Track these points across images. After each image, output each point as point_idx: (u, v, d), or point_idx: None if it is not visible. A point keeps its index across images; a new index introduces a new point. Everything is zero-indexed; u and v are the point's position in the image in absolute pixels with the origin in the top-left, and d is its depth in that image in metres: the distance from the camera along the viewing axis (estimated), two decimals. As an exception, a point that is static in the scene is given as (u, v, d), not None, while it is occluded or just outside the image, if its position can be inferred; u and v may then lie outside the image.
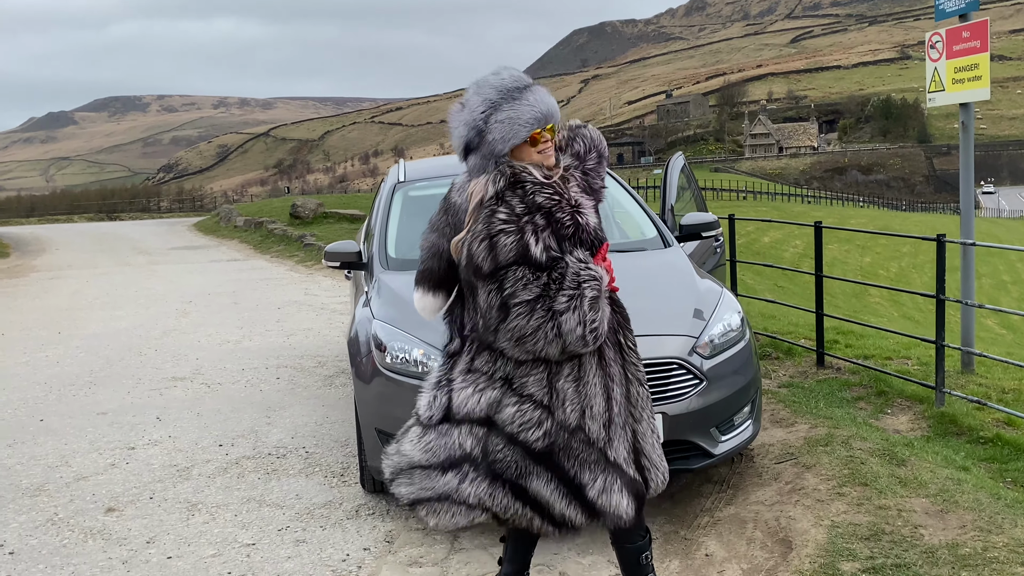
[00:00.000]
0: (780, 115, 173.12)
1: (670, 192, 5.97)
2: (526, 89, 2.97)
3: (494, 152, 2.94)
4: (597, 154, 3.12)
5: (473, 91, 3.00)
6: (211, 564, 3.98)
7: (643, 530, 3.20)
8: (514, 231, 2.83)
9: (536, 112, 2.93)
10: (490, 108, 2.94)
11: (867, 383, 6.29)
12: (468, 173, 3.03)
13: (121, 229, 30.24)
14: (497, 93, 2.95)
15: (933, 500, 3.98)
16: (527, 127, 2.91)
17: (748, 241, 36.57)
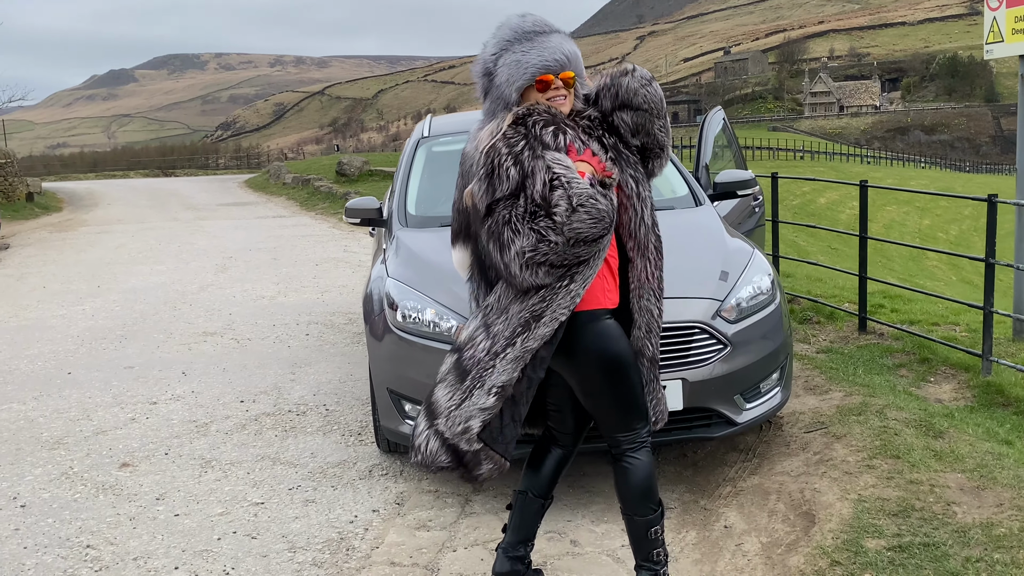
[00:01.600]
0: (841, 73, 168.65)
1: (705, 149, 5.72)
2: (544, 34, 2.81)
3: (502, 96, 2.80)
4: (632, 109, 2.89)
5: (493, 33, 2.87)
6: (217, 522, 3.92)
7: (655, 503, 3.03)
8: (512, 163, 2.68)
9: (547, 57, 2.76)
10: (502, 50, 2.80)
11: (910, 349, 6.02)
12: (482, 118, 2.89)
13: (173, 185, 30.60)
14: (513, 34, 2.81)
15: (969, 475, 3.75)
16: (534, 69, 2.75)
17: (804, 202, 35.82)
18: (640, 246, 2.93)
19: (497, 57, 2.80)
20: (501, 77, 2.79)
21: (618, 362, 2.85)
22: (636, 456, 2.98)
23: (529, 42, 2.78)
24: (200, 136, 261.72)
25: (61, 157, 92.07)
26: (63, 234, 15.62)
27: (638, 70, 2.95)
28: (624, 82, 2.91)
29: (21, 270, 11.34)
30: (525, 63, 2.76)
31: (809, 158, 59.87)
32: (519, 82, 2.77)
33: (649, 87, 2.91)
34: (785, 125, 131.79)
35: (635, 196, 2.92)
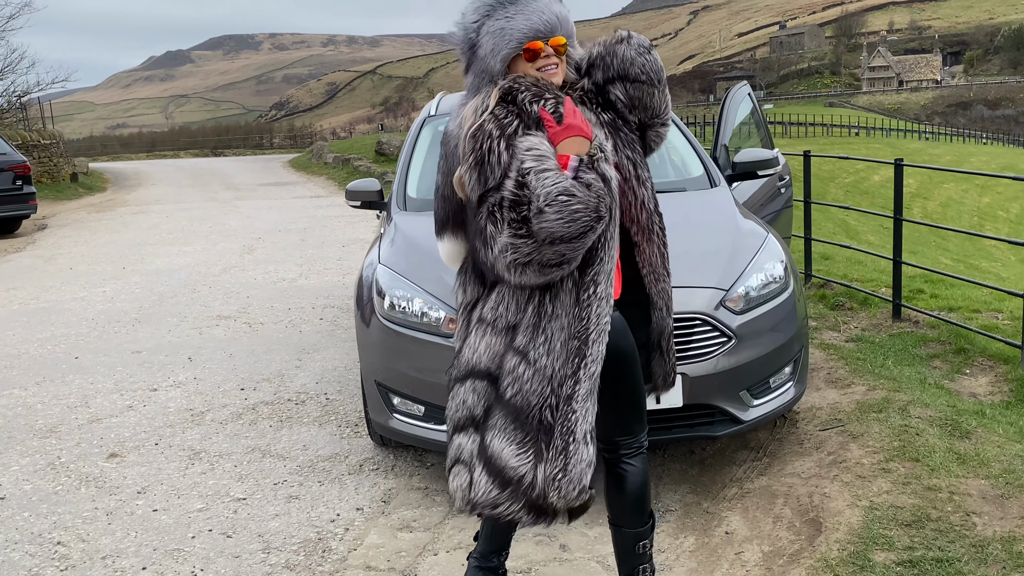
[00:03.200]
0: (901, 47, 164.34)
1: (725, 127, 5.40)
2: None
3: (486, 68, 2.50)
4: (629, 80, 2.60)
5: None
6: (195, 519, 3.77)
7: (647, 515, 2.78)
8: (504, 147, 2.37)
9: (535, 20, 2.46)
10: (483, 16, 2.49)
11: (945, 339, 5.66)
12: (465, 93, 2.59)
13: (219, 165, 30.80)
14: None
15: (994, 482, 3.44)
16: (520, 36, 2.45)
17: (857, 179, 34.95)
18: (644, 230, 2.67)
19: (479, 25, 2.49)
20: (484, 47, 2.49)
21: (622, 359, 2.59)
22: (632, 462, 2.73)
23: (513, 5, 2.48)
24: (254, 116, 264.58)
25: (120, 137, 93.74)
26: (101, 214, 15.73)
27: (635, 37, 2.66)
28: (620, 51, 2.61)
29: (52, 251, 11.39)
30: (510, 30, 2.46)
31: (865, 134, 58.44)
32: (504, 51, 2.47)
33: (648, 55, 2.62)
34: (842, 101, 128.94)
35: (634, 179, 2.63)
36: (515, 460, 2.46)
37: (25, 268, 10.09)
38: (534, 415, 2.45)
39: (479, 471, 2.52)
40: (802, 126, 51.70)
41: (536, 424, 2.46)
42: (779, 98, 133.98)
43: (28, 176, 13.11)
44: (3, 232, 13.20)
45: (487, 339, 2.54)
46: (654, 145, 2.74)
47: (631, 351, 2.64)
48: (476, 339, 2.55)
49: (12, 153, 13.28)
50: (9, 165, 12.84)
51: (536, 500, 2.47)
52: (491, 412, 2.53)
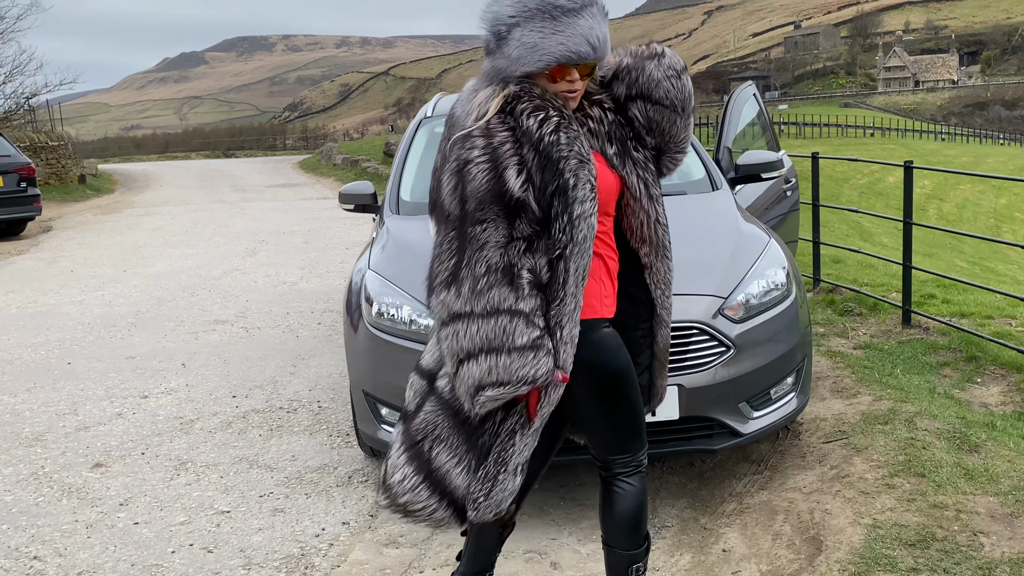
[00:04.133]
0: (917, 47, 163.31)
1: (728, 128, 5.27)
2: (574, 11, 2.26)
3: (505, 71, 2.31)
4: (651, 102, 2.45)
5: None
6: (176, 533, 3.66)
7: (642, 536, 2.63)
8: (486, 162, 2.22)
9: (571, 46, 2.25)
10: (519, 16, 2.26)
11: (956, 346, 5.49)
12: (480, 79, 2.41)
13: (229, 166, 30.79)
14: (536, 2, 2.26)
15: (1003, 500, 3.30)
16: (550, 59, 2.26)
17: (872, 181, 34.62)
18: (657, 248, 2.53)
19: (513, 24, 2.27)
20: (511, 51, 2.29)
21: (618, 378, 2.45)
22: (629, 481, 2.59)
23: (553, 21, 2.25)
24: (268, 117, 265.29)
25: (134, 138, 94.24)
26: (106, 216, 15.68)
27: (667, 56, 2.49)
28: (648, 68, 2.45)
29: (55, 253, 11.33)
30: (542, 49, 2.25)
31: (880, 135, 58.02)
32: (529, 67, 2.28)
33: (677, 80, 2.45)
34: (857, 101, 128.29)
35: (645, 197, 2.47)
36: (461, 484, 2.45)
37: (26, 271, 10.03)
38: (486, 444, 2.42)
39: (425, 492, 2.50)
40: (816, 127, 51.33)
41: (476, 447, 2.42)
42: (794, 98, 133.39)
43: (33, 178, 13.07)
44: (8, 234, 13.16)
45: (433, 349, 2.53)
46: (666, 171, 2.59)
47: (626, 370, 2.49)
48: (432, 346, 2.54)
49: (16, 155, 13.25)
50: (14, 167, 12.80)
51: (458, 504, 2.47)
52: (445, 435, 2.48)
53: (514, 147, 2.25)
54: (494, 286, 2.23)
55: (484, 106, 2.31)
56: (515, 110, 2.28)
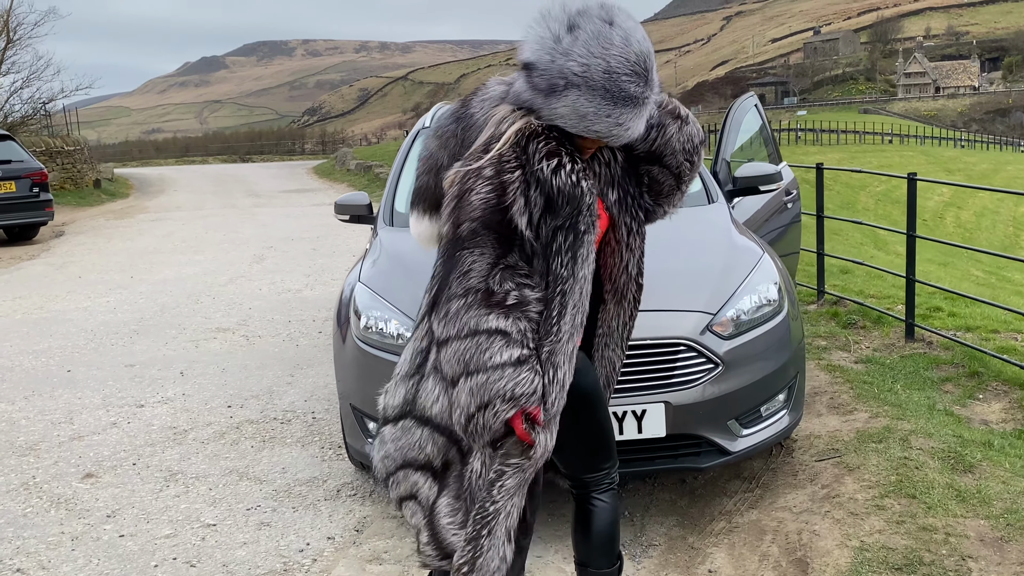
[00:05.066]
0: (938, 52, 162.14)
1: (727, 140, 5.22)
2: (632, 103, 2.16)
3: (539, 110, 2.21)
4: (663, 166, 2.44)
5: (590, 35, 2.14)
6: (160, 546, 3.65)
7: (615, 555, 2.61)
8: (490, 193, 2.16)
9: (616, 132, 2.19)
10: (583, 83, 2.13)
11: (959, 361, 5.42)
12: (509, 91, 2.33)
13: (245, 171, 30.93)
14: (603, 79, 2.13)
15: (994, 524, 3.23)
16: (590, 133, 2.20)
17: (888, 188, 34.36)
18: (617, 292, 2.52)
19: (573, 85, 2.14)
20: (557, 105, 2.17)
21: (587, 397, 2.44)
22: (602, 499, 2.57)
23: (612, 105, 2.16)
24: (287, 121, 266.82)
25: (155, 142, 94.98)
26: (119, 221, 15.77)
27: (690, 124, 2.45)
28: (669, 131, 2.41)
29: (64, 259, 11.40)
30: (588, 122, 2.16)
31: (898, 142, 57.61)
32: (565, 128, 2.21)
33: (695, 155, 2.45)
34: (877, 107, 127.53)
35: (624, 246, 2.47)
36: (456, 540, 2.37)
37: (35, 276, 10.09)
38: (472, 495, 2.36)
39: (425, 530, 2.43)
40: (834, 133, 51.04)
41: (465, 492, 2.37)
42: (813, 104, 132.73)
43: (45, 183, 13.15)
44: (21, 239, 13.26)
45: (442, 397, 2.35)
46: (658, 216, 2.58)
47: (595, 388, 2.49)
48: (433, 386, 2.38)
49: (30, 160, 13.34)
50: (26, 172, 12.90)
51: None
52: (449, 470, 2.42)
53: (522, 184, 2.18)
54: (471, 307, 2.18)
55: (499, 128, 2.27)
56: (528, 146, 2.20)
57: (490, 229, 2.18)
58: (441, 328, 2.20)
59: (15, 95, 22.17)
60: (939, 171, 43.06)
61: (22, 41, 22.15)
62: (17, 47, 22.06)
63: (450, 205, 2.23)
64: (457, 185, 2.23)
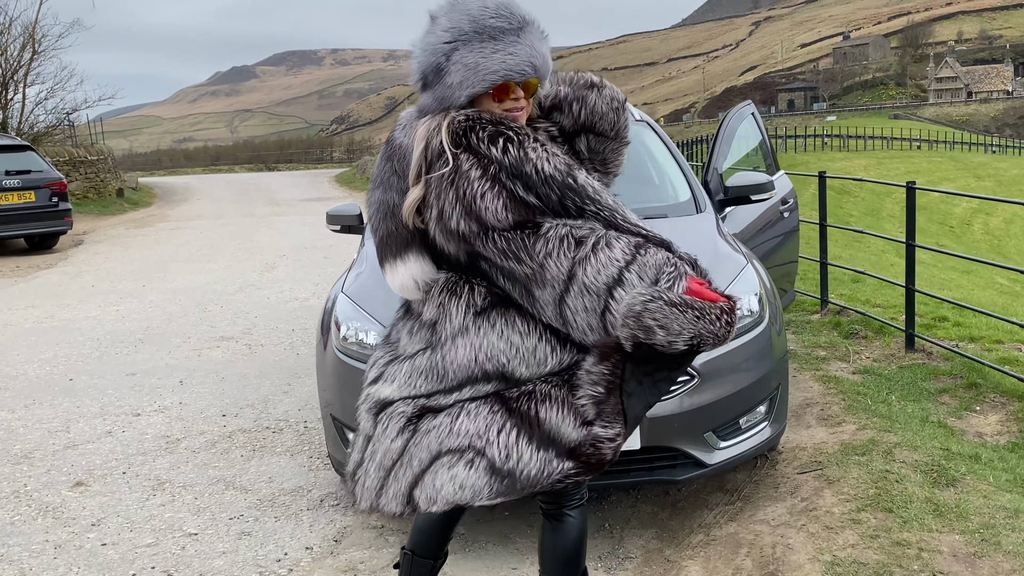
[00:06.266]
0: (970, 57, 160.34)
1: (719, 149, 5.19)
2: (512, 31, 2.29)
3: (449, 98, 2.30)
4: (596, 134, 2.47)
5: (446, 11, 2.33)
6: (141, 555, 3.68)
7: (579, 572, 2.61)
8: (491, 185, 2.18)
9: (512, 63, 2.27)
10: (457, 41, 2.28)
11: (958, 372, 5.35)
12: (418, 109, 2.41)
13: (268, 180, 31.18)
14: (471, 24, 2.28)
15: (969, 539, 3.19)
16: (494, 78, 2.27)
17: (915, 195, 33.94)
18: None
19: (451, 50, 2.28)
20: (453, 77, 2.28)
21: None
22: (570, 514, 2.56)
23: (493, 41, 2.27)
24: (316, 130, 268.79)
25: (186, 151, 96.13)
26: (138, 230, 15.96)
27: (607, 87, 2.51)
28: (590, 99, 2.46)
29: (80, 267, 11.55)
30: (484, 69, 2.26)
31: (927, 147, 56.99)
32: (474, 89, 2.27)
33: (619, 112, 2.49)
34: (908, 113, 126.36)
35: None
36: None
37: (49, 285, 10.23)
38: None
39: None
40: (861, 139, 50.60)
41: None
42: (843, 110, 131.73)
43: (64, 193, 13.35)
44: (41, 248, 13.46)
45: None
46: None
47: None
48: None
49: (49, 170, 13.55)
50: (46, 182, 13.10)
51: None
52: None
53: (494, 176, 2.20)
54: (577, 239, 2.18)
55: (431, 133, 2.29)
56: (471, 140, 2.23)
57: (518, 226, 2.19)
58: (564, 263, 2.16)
59: (39, 105, 22.56)
60: (968, 176, 42.56)
61: (47, 52, 22.54)
62: (42, 58, 22.44)
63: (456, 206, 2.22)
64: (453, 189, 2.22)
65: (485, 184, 2.19)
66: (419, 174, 2.29)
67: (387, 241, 2.44)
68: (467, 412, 2.29)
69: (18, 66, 22.23)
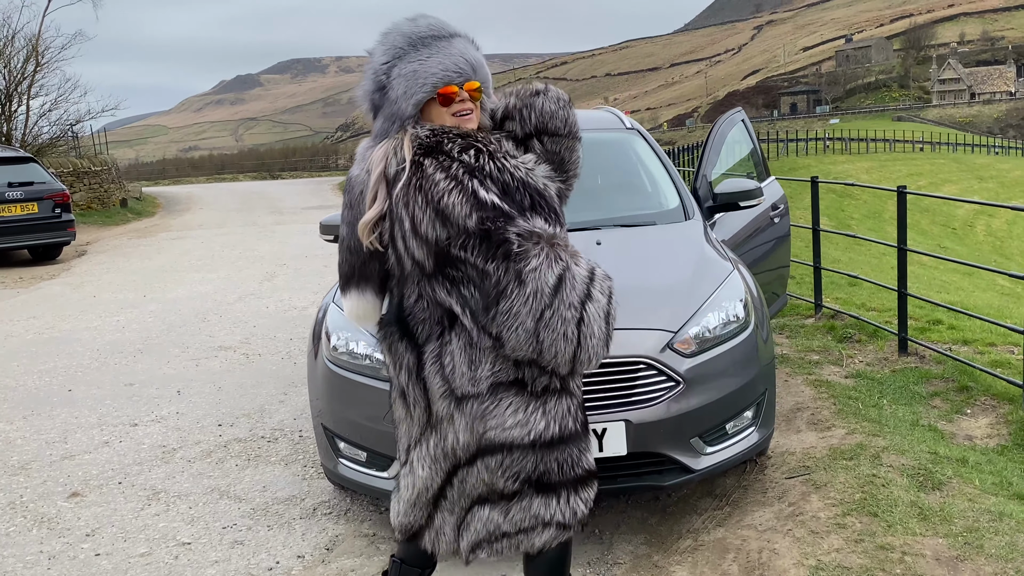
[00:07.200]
0: (972, 58, 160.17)
1: (709, 156, 5.23)
2: (443, 39, 2.42)
3: (397, 112, 2.40)
4: (549, 134, 2.53)
5: (379, 40, 2.47)
6: (134, 565, 3.72)
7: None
8: (456, 187, 2.29)
9: (449, 65, 2.38)
10: (395, 58, 2.40)
11: (950, 375, 5.37)
12: (373, 139, 2.50)
13: (272, 188, 31.28)
14: (406, 40, 2.41)
15: (952, 542, 3.21)
16: (435, 80, 2.37)
17: (915, 198, 33.89)
18: None
19: (390, 67, 2.41)
20: (396, 90, 2.40)
21: None
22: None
23: (427, 48, 2.39)
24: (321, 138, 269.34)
25: (191, 160, 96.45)
26: (140, 240, 16.03)
27: (551, 90, 2.60)
28: (538, 104, 2.55)
29: (82, 278, 11.60)
30: (423, 73, 2.38)
31: (930, 149, 56.93)
32: (418, 95, 2.38)
33: (567, 109, 2.58)
34: (911, 115, 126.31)
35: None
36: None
37: (51, 296, 10.29)
38: None
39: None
40: (863, 142, 50.57)
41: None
42: (846, 113, 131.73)
43: (67, 204, 13.42)
44: (44, 259, 13.53)
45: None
46: (564, 199, 2.63)
47: None
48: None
49: (52, 182, 13.63)
50: (48, 194, 13.18)
51: None
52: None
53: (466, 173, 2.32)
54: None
55: (386, 156, 2.37)
56: (442, 148, 2.36)
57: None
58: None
59: (43, 117, 22.66)
60: (970, 178, 42.51)
61: (50, 64, 22.67)
62: (45, 70, 22.56)
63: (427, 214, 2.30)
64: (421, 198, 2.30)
65: (451, 184, 2.29)
66: (376, 195, 2.36)
67: (363, 271, 2.52)
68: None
69: (22, 78, 22.35)
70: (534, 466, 2.36)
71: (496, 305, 2.27)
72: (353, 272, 2.54)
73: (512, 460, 2.35)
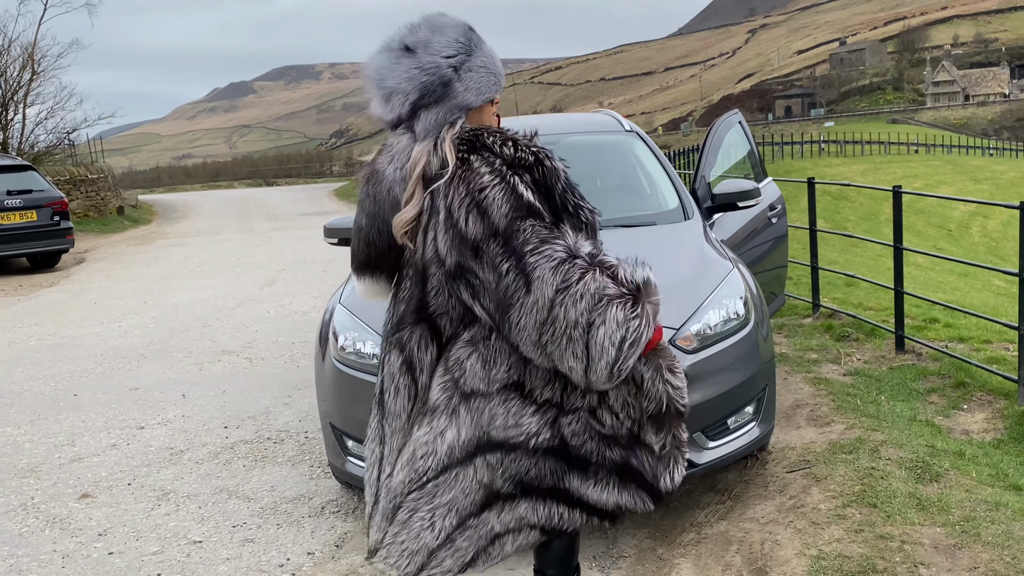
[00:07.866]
0: (966, 60, 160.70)
1: (707, 158, 5.31)
2: (480, 37, 2.44)
3: (462, 105, 2.36)
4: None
5: (428, 30, 2.38)
6: (147, 563, 3.78)
7: (571, 569, 2.70)
8: (500, 183, 2.21)
9: (500, 66, 2.46)
10: (461, 52, 2.36)
11: (946, 372, 5.45)
12: (416, 135, 2.40)
13: (267, 195, 31.33)
14: (465, 36, 2.38)
15: (949, 531, 3.28)
16: (502, 79, 2.43)
17: (913, 199, 34.09)
18: None
19: (460, 62, 2.35)
20: (467, 84, 2.35)
21: None
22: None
23: (483, 45, 2.41)
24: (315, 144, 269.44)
25: (185, 168, 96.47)
26: (138, 247, 16.09)
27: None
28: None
29: (82, 285, 11.66)
30: (495, 71, 2.41)
31: (925, 151, 57.15)
32: (490, 93, 2.40)
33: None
34: (905, 117, 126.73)
35: None
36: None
37: (52, 303, 10.34)
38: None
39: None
40: (858, 144, 50.78)
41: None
42: (840, 115, 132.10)
43: (66, 212, 13.49)
44: (43, 266, 13.58)
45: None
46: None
47: None
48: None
49: (50, 189, 13.68)
50: (47, 201, 13.24)
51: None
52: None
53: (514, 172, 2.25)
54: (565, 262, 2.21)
55: (429, 153, 2.34)
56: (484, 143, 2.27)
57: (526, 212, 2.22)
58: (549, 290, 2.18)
59: (40, 125, 22.74)
60: (965, 180, 42.70)
61: (46, 73, 22.74)
62: (41, 79, 22.63)
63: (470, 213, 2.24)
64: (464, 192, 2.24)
65: (494, 179, 2.22)
66: (413, 194, 2.33)
67: (354, 258, 2.58)
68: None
69: (18, 87, 22.43)
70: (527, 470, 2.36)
71: (507, 312, 2.23)
72: (369, 261, 2.54)
73: (511, 460, 2.35)
